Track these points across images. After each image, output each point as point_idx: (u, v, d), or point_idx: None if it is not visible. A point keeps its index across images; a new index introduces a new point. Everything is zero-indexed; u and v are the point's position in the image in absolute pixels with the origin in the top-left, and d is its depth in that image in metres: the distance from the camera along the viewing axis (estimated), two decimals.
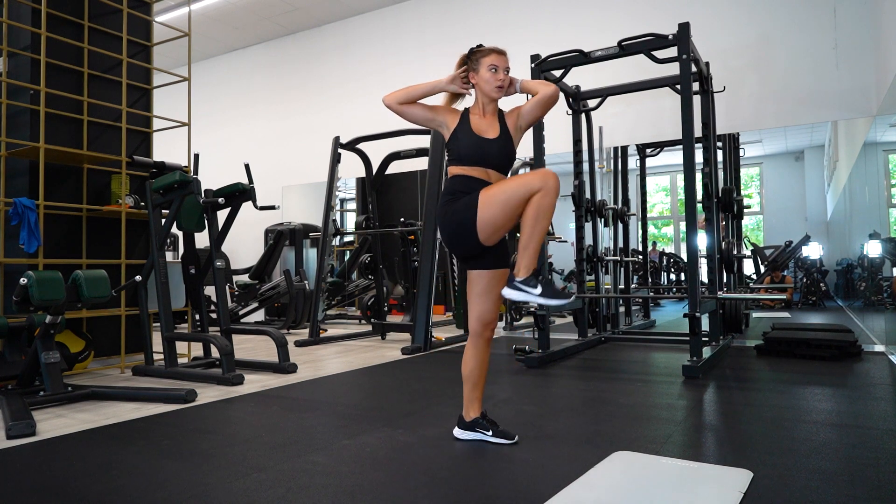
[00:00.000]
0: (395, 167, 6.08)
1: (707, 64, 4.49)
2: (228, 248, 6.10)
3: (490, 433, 2.22)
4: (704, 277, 4.93)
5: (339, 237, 6.45)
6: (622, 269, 6.12)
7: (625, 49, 3.98)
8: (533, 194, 1.94)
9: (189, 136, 4.72)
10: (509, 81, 2.22)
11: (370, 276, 6.97)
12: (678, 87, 4.11)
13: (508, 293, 2.04)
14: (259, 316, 7.63)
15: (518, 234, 2.35)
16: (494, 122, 2.21)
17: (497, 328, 6.43)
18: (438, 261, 5.07)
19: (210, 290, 6.16)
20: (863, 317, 5.60)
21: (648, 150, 6.47)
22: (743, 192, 6.05)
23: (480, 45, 2.24)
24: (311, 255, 7.93)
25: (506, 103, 2.28)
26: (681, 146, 3.82)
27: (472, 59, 2.23)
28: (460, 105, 2.34)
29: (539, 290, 1.95)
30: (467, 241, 2.08)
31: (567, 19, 6.14)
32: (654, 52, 3.92)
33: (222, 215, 4.25)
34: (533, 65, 4.27)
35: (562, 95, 5.11)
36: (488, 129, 2.18)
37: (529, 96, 2.23)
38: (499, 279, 2.20)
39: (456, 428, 2.30)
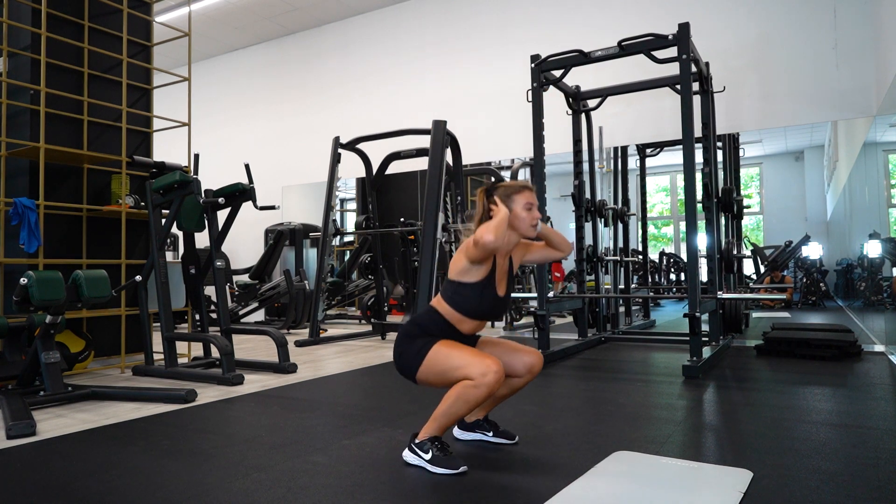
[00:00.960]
0: (395, 167, 6.07)
1: (707, 64, 4.50)
2: (228, 248, 6.11)
3: (490, 434, 2.22)
4: (704, 277, 4.93)
5: (339, 237, 6.46)
6: (622, 269, 6.12)
7: (625, 49, 3.98)
8: (468, 379, 1.88)
9: (189, 136, 4.72)
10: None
11: (370, 276, 6.98)
12: (678, 87, 4.11)
13: (405, 453, 2.01)
14: (259, 316, 7.63)
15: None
16: (506, 265, 2.10)
17: (497, 328, 6.43)
18: (438, 261, 5.07)
19: (210, 290, 6.16)
20: (863, 317, 5.59)
21: (648, 150, 6.46)
22: (743, 192, 6.05)
23: (501, 179, 2.17)
24: (311, 255, 7.93)
25: None
26: (681, 146, 3.82)
27: (498, 192, 2.08)
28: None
29: (429, 455, 1.92)
30: (409, 377, 2.05)
31: (567, 19, 6.14)
32: (654, 52, 3.92)
33: (222, 215, 4.25)
34: (533, 65, 4.27)
35: (562, 95, 5.12)
36: (502, 279, 2.08)
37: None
38: (492, 342, 2.18)
39: (456, 428, 2.30)
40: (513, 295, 2.15)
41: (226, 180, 4.54)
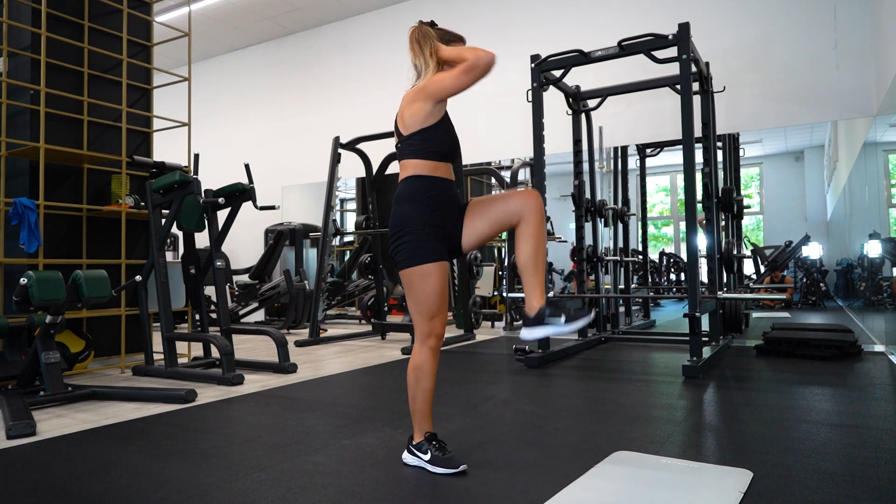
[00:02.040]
0: (395, 167, 6.07)
1: (707, 64, 4.50)
2: (228, 248, 6.10)
3: (563, 319, 1.93)
4: (704, 277, 4.93)
5: (339, 237, 6.46)
6: (622, 269, 6.12)
7: (625, 49, 3.98)
8: (431, 331, 1.96)
9: (189, 136, 4.72)
10: None
11: (370, 276, 6.97)
12: (678, 87, 4.11)
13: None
14: (259, 316, 7.63)
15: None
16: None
17: (497, 328, 6.43)
18: None
19: (210, 290, 6.16)
20: (863, 317, 5.59)
21: (648, 150, 6.47)
22: (743, 192, 6.05)
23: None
24: (311, 255, 7.93)
25: None
26: (681, 146, 3.82)
27: (439, 34, 2.13)
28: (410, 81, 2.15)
29: (428, 456, 1.88)
30: (451, 240, 1.97)
31: (567, 19, 6.14)
32: (654, 53, 3.92)
33: (222, 215, 4.25)
34: (533, 65, 4.27)
35: (562, 95, 5.12)
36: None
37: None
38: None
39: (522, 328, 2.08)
40: (513, 295, 2.14)
41: (226, 180, 4.54)
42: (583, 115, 5.28)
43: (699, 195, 4.20)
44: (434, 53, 2.05)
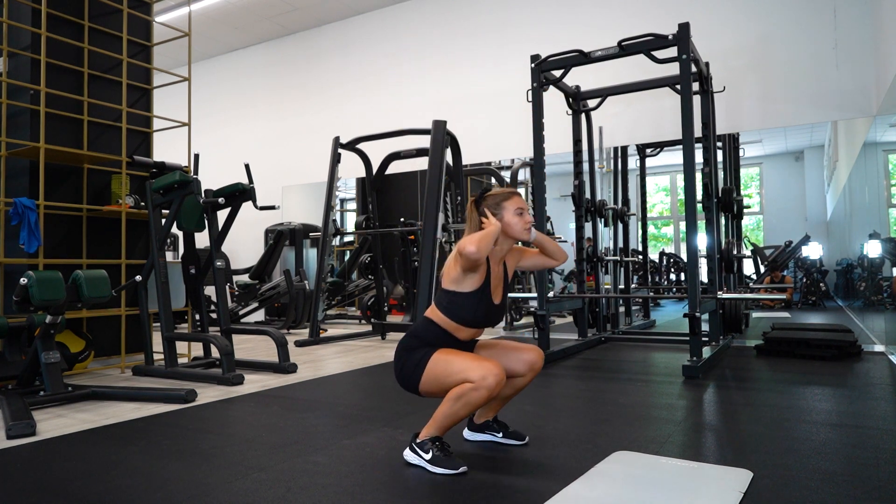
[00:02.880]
0: (395, 167, 6.08)
1: (707, 64, 4.50)
2: (228, 248, 6.10)
3: (500, 435, 2.21)
4: (704, 277, 4.93)
5: (339, 237, 6.45)
6: (622, 269, 6.12)
7: (625, 49, 3.98)
8: (468, 382, 1.88)
9: (189, 136, 4.72)
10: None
11: (370, 276, 6.97)
12: (678, 87, 4.11)
13: (406, 453, 2.00)
14: (259, 316, 7.63)
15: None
16: (500, 272, 2.10)
17: (497, 328, 6.43)
18: (438, 261, 5.07)
19: (210, 290, 6.16)
20: (863, 317, 5.60)
21: (648, 150, 6.46)
22: (743, 192, 6.05)
23: (487, 189, 2.13)
24: (311, 255, 7.93)
25: None
26: (681, 146, 3.82)
27: (486, 203, 2.09)
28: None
29: (429, 455, 1.92)
30: (412, 390, 2.03)
31: (567, 19, 6.14)
32: (654, 53, 3.92)
33: (222, 215, 4.25)
34: (533, 65, 4.27)
35: (562, 95, 5.12)
36: (498, 286, 2.08)
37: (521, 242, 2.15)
38: (498, 344, 2.18)
39: (465, 429, 2.28)
40: (513, 295, 2.15)
41: (226, 180, 4.54)
42: (583, 115, 5.28)
43: (699, 195, 4.20)
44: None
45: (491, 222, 2.01)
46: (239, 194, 4.06)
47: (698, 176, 4.18)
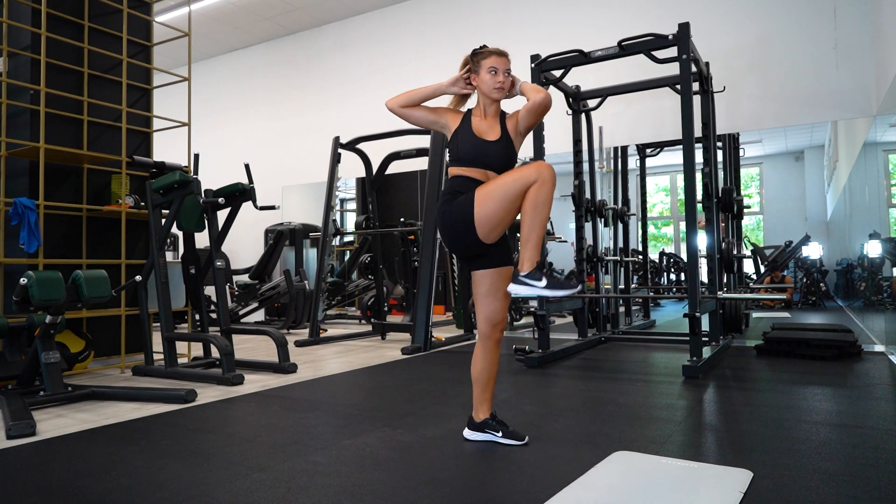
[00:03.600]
0: (395, 167, 6.08)
1: (707, 64, 4.49)
2: (228, 248, 6.10)
3: (500, 434, 2.22)
4: (704, 277, 4.93)
5: (339, 237, 6.45)
6: (622, 269, 6.12)
7: (625, 49, 3.98)
8: (529, 186, 1.94)
9: (189, 136, 4.72)
10: (510, 83, 2.20)
11: (370, 276, 6.97)
12: (678, 87, 4.11)
13: (514, 289, 2.02)
14: (259, 316, 7.63)
15: (519, 234, 2.34)
16: (495, 125, 2.20)
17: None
18: (438, 261, 5.07)
19: (210, 290, 6.16)
20: (863, 317, 5.60)
21: (648, 150, 6.47)
22: (743, 192, 6.05)
23: (484, 47, 2.23)
24: (311, 255, 7.93)
25: (510, 105, 2.27)
26: (681, 146, 3.82)
27: (473, 60, 2.22)
28: (466, 106, 2.33)
29: (544, 282, 1.93)
30: (467, 238, 2.07)
31: (567, 19, 6.14)
32: (654, 52, 3.92)
33: (222, 215, 4.25)
34: (533, 65, 4.27)
35: (562, 95, 5.12)
36: (489, 131, 2.17)
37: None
38: (504, 277, 2.17)
39: (466, 429, 2.29)
40: (514, 294, 2.14)
41: (226, 180, 4.54)
42: (583, 115, 5.28)
43: (699, 195, 4.20)
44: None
45: (457, 76, 2.24)
46: (239, 194, 4.06)
47: (698, 176, 4.18)
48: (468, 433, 2.27)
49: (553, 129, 4.84)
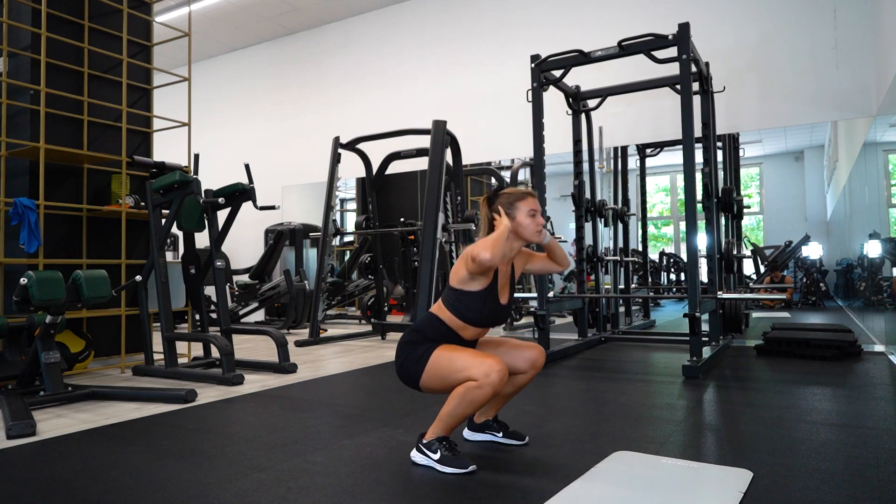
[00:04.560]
0: (395, 167, 6.07)
1: (707, 64, 4.50)
2: (228, 248, 6.11)
3: (500, 434, 2.21)
4: (704, 277, 4.93)
5: (339, 237, 6.45)
6: (622, 269, 6.12)
7: (625, 49, 3.98)
8: (470, 380, 1.87)
9: (189, 136, 4.72)
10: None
11: (370, 276, 6.97)
12: (678, 87, 4.11)
13: (413, 454, 1.99)
14: (259, 316, 7.63)
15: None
16: (508, 272, 2.11)
17: (497, 328, 6.43)
18: (438, 261, 5.07)
19: (210, 290, 6.16)
20: (863, 317, 5.59)
21: (648, 150, 6.47)
22: (743, 192, 6.05)
23: (501, 186, 2.13)
24: (311, 255, 7.93)
25: None
26: (681, 146, 3.82)
27: (505, 202, 2.07)
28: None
29: (438, 455, 1.91)
30: (412, 385, 2.03)
31: (567, 19, 6.14)
32: (654, 53, 3.92)
33: (222, 215, 4.25)
34: (533, 65, 4.27)
35: (562, 95, 5.12)
36: (505, 286, 2.09)
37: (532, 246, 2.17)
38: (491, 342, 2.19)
39: (466, 429, 2.28)
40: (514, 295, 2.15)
41: (226, 180, 4.54)
42: (583, 115, 5.28)
43: (699, 195, 4.20)
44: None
45: (502, 221, 2.01)
46: (239, 194, 4.06)
47: (698, 176, 4.18)
48: (468, 433, 2.27)
49: (553, 129, 4.84)
